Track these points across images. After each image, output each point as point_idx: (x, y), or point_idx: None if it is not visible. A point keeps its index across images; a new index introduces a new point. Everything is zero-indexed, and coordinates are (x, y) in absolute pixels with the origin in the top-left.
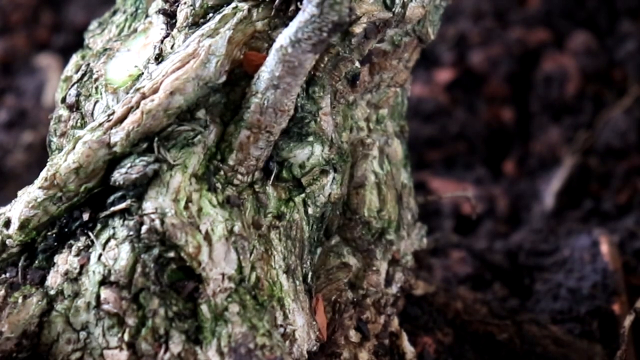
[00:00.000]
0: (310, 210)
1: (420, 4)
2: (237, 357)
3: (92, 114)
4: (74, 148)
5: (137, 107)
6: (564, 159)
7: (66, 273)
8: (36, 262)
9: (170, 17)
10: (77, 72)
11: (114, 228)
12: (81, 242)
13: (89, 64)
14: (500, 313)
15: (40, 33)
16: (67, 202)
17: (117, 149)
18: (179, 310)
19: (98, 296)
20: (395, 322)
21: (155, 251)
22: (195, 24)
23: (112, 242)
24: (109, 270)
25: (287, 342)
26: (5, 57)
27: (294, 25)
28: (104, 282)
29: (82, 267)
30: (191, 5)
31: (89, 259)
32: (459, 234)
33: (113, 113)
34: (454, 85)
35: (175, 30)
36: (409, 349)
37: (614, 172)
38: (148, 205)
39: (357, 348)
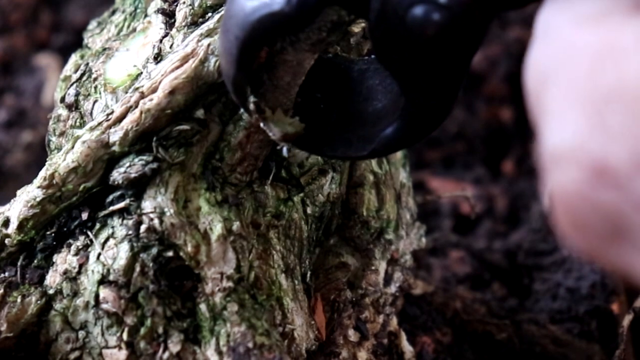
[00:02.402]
0: (309, 210)
1: None
2: (235, 356)
3: (91, 113)
4: (72, 147)
5: (136, 106)
6: None
7: (65, 272)
8: (35, 261)
9: (169, 16)
10: (76, 71)
11: (112, 227)
12: (80, 241)
13: (88, 64)
14: (499, 313)
15: (40, 33)
16: (66, 202)
17: (115, 148)
18: (178, 310)
19: (97, 295)
20: (394, 322)
21: (154, 250)
22: (194, 24)
23: (111, 242)
24: (108, 270)
25: (286, 342)
26: (5, 57)
27: None
28: (103, 281)
29: (81, 266)
30: (190, 5)
31: (87, 258)
32: (458, 233)
33: (112, 112)
34: None
35: (174, 30)
36: (407, 348)
37: None
38: (147, 205)
39: (355, 347)
